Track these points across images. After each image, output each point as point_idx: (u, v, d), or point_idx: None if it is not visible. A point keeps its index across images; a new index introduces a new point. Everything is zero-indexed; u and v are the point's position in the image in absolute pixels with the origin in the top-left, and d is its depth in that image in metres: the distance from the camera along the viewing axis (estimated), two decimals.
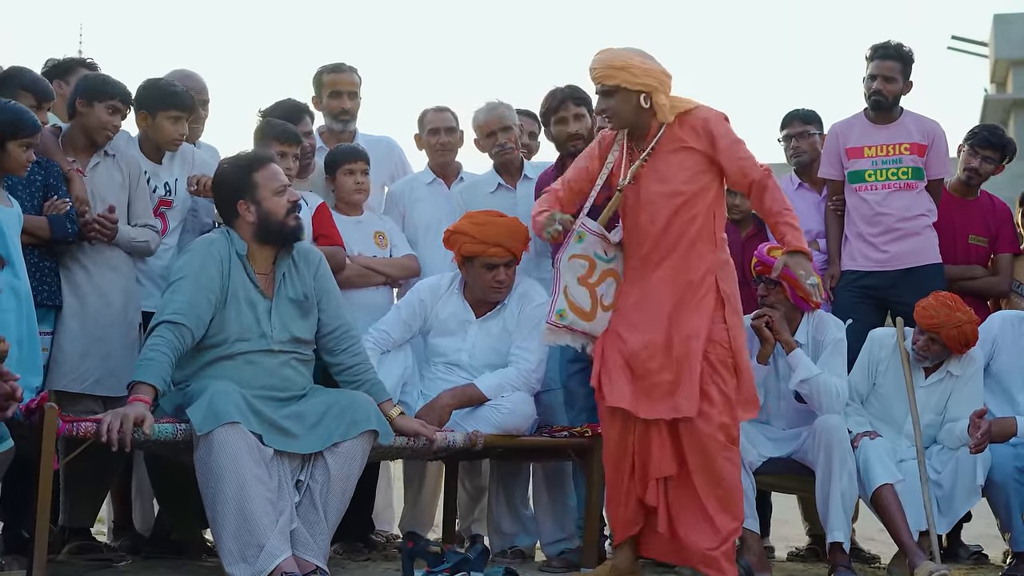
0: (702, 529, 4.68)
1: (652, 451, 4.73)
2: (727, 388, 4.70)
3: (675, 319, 4.74)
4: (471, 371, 5.49)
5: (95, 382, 5.02)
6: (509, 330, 5.50)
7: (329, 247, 5.52)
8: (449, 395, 5.33)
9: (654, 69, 4.78)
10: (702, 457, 4.67)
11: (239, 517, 4.32)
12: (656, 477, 4.73)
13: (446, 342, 5.55)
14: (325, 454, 4.60)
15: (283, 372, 4.77)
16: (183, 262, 4.75)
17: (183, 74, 5.86)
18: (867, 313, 6.01)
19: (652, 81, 4.75)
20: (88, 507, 5.29)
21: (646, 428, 4.75)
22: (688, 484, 4.70)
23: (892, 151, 6.08)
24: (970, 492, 5.31)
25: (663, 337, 4.73)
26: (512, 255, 5.45)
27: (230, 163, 4.95)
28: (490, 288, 5.46)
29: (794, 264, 4.72)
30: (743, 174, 4.78)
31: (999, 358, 5.63)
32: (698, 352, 4.67)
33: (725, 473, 4.67)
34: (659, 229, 4.79)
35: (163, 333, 4.54)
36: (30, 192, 4.89)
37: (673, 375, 4.69)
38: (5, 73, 5.08)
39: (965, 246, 6.32)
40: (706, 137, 4.78)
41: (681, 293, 4.75)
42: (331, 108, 6.40)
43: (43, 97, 5.05)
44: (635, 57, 4.78)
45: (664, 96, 4.77)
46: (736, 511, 4.71)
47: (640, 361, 4.75)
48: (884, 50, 6.06)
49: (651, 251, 4.81)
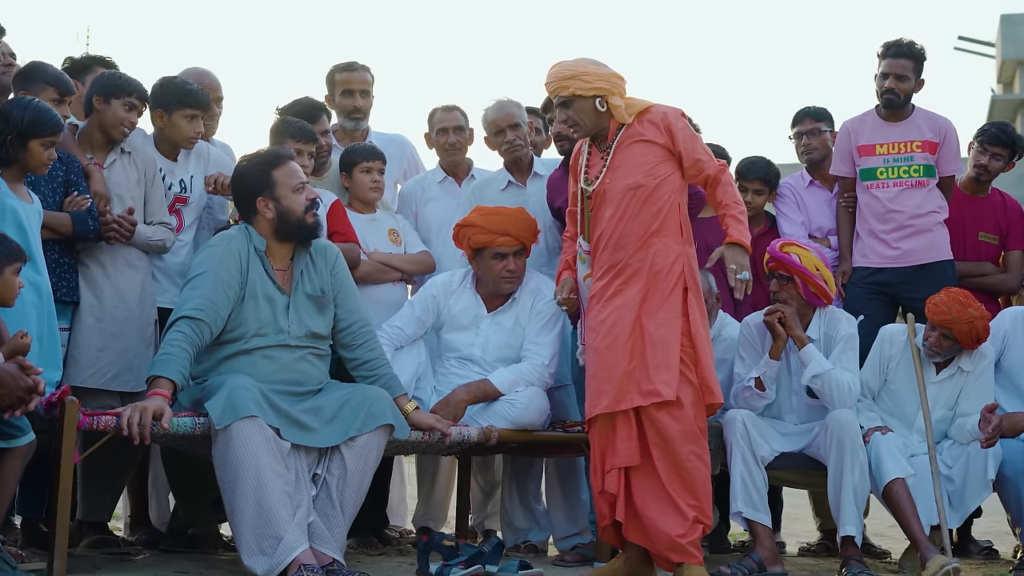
0: (669, 516, 4.71)
1: (616, 440, 4.77)
2: (693, 378, 4.75)
3: (645, 310, 4.79)
4: (484, 366, 5.53)
5: (112, 377, 5.06)
6: (521, 324, 5.55)
7: (344, 244, 5.56)
8: (464, 390, 5.38)
9: (604, 73, 4.93)
10: (666, 447, 4.71)
11: (257, 510, 4.36)
12: (618, 466, 4.76)
13: (459, 337, 5.60)
14: (341, 448, 4.64)
15: (300, 367, 4.81)
16: (202, 258, 4.79)
17: (198, 72, 5.91)
18: (879, 309, 6.04)
19: (604, 84, 4.91)
20: (105, 501, 5.35)
21: (611, 417, 4.79)
22: (653, 473, 4.74)
23: (904, 148, 6.09)
24: (981, 487, 5.32)
25: (630, 329, 4.78)
26: (521, 243, 5.54)
27: (249, 161, 4.99)
28: (501, 278, 5.52)
29: (729, 255, 4.86)
30: (699, 169, 4.93)
31: (1010, 354, 5.65)
32: (674, 339, 4.74)
33: (690, 466, 4.71)
34: (625, 223, 4.86)
35: (182, 328, 4.58)
36: (52, 188, 4.94)
37: (641, 364, 4.74)
38: (28, 68, 5.13)
39: (975, 243, 6.34)
40: (665, 131, 4.89)
41: (650, 284, 4.81)
42: (343, 106, 6.44)
43: (65, 91, 5.09)
44: (585, 65, 4.93)
45: (619, 97, 4.92)
46: (702, 502, 4.73)
47: (603, 357, 4.81)
48: (897, 48, 6.07)
49: (618, 245, 4.88)
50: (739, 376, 5.48)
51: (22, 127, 4.55)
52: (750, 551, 5.32)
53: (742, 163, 6.38)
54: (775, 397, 5.48)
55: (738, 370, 5.50)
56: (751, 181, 6.32)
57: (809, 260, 5.39)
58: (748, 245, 4.88)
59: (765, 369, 5.38)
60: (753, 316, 5.56)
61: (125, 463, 5.35)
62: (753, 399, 5.41)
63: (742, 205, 4.97)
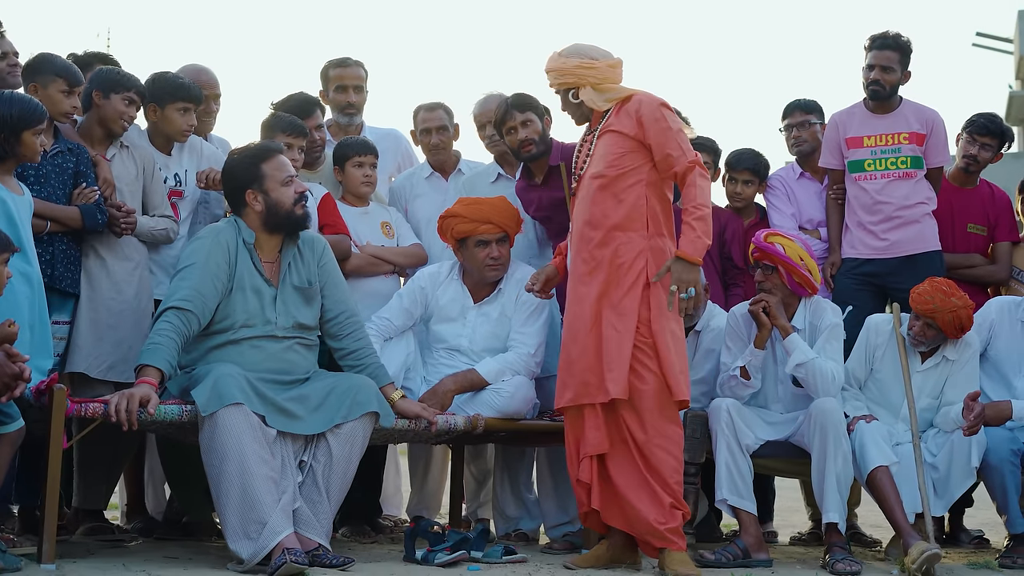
0: (647, 502, 4.79)
1: (585, 430, 4.86)
2: (655, 368, 4.81)
3: (606, 304, 4.86)
4: (472, 356, 5.62)
5: (108, 368, 5.16)
6: (507, 315, 5.64)
7: (334, 236, 5.67)
8: (451, 380, 5.46)
9: (572, 66, 5.00)
10: (632, 439, 4.81)
11: (242, 495, 4.46)
12: (589, 454, 4.85)
13: (446, 328, 5.68)
14: (327, 435, 4.73)
15: (287, 356, 4.90)
16: (191, 250, 4.89)
17: (195, 68, 5.99)
18: (867, 300, 6.08)
19: (570, 78, 5.00)
20: (100, 489, 5.45)
21: (579, 408, 4.89)
22: (629, 460, 4.83)
23: (891, 140, 6.14)
24: (965, 474, 5.36)
25: (590, 323, 4.86)
26: (503, 231, 5.62)
27: (239, 154, 5.09)
28: (485, 266, 5.61)
29: (675, 270, 4.82)
30: (668, 164, 4.92)
31: (996, 343, 5.69)
32: (628, 336, 4.80)
33: (654, 459, 4.79)
34: (588, 211, 4.94)
35: (170, 318, 4.68)
36: (62, 180, 5.04)
37: (597, 359, 4.81)
38: (37, 59, 5.22)
39: (964, 234, 6.37)
40: (636, 122, 4.91)
41: (611, 278, 4.87)
42: (337, 102, 6.54)
43: (75, 82, 5.17)
44: (555, 60, 5.04)
45: (589, 88, 4.98)
46: (674, 491, 4.81)
47: (567, 350, 4.92)
48: (882, 40, 6.12)
49: (582, 234, 4.96)
50: (725, 365, 5.54)
51: (12, 121, 4.64)
52: (735, 538, 5.37)
53: (731, 155, 6.44)
54: (761, 386, 5.53)
55: (724, 360, 5.56)
56: (740, 172, 6.38)
57: (793, 250, 5.44)
58: (696, 259, 4.80)
59: (750, 358, 5.43)
60: (739, 306, 5.62)
61: (120, 453, 5.46)
62: (739, 388, 5.46)
63: (705, 209, 4.83)
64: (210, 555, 4.89)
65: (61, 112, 5.11)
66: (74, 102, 5.16)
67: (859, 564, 5.13)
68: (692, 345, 5.77)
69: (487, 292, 5.69)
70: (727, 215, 6.36)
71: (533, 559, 5.16)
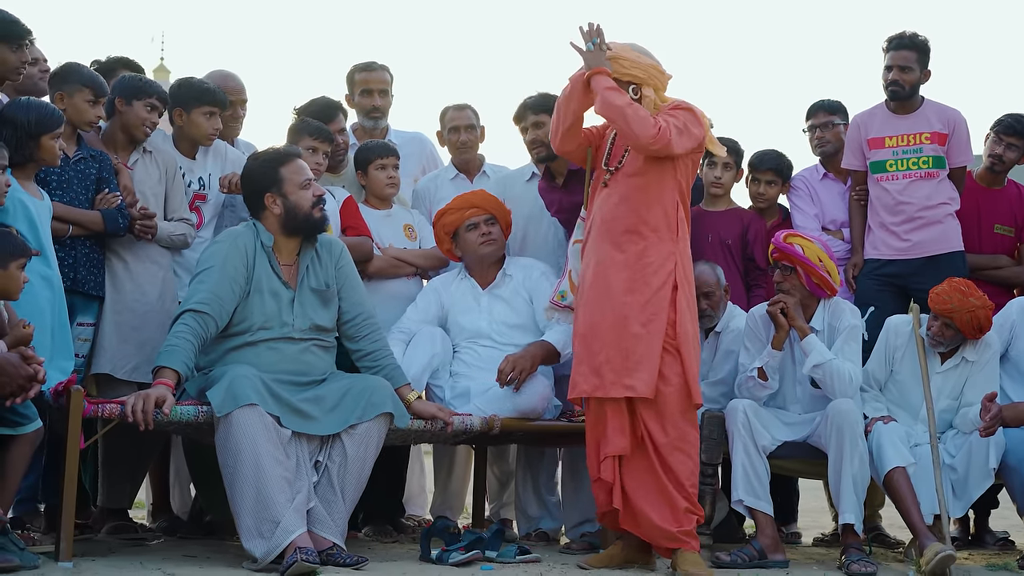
0: (660, 506, 4.83)
1: (607, 429, 4.89)
2: (679, 371, 4.85)
3: (630, 301, 4.88)
4: (493, 335, 5.78)
5: (132, 368, 5.25)
6: (519, 293, 5.80)
7: (356, 238, 5.76)
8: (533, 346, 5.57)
9: (645, 64, 5.02)
10: (651, 440, 4.83)
11: (256, 494, 4.53)
12: (610, 454, 4.88)
13: (465, 318, 5.83)
14: (342, 436, 4.79)
15: (304, 358, 4.97)
16: (209, 253, 4.97)
17: (222, 75, 6.09)
18: (889, 301, 6.05)
19: (640, 74, 5.00)
20: (124, 489, 5.55)
21: (601, 405, 4.91)
22: (645, 463, 4.85)
23: (912, 140, 6.12)
24: (983, 476, 5.34)
25: (612, 318, 4.89)
26: (489, 213, 5.80)
27: (258, 159, 5.18)
28: (479, 244, 5.79)
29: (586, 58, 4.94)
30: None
31: (1017, 343, 5.67)
32: (658, 336, 4.83)
33: (671, 460, 4.83)
34: (619, 207, 4.96)
35: (187, 321, 4.76)
36: (84, 186, 5.15)
37: (621, 355, 4.84)
38: (63, 69, 5.32)
39: (991, 235, 6.34)
40: None
41: (637, 276, 4.90)
42: (363, 106, 6.61)
43: (100, 93, 5.26)
44: (627, 50, 5.02)
45: (652, 90, 5.00)
46: (690, 494, 4.85)
47: (586, 342, 4.94)
48: (899, 40, 6.11)
49: (609, 228, 4.98)
50: (743, 366, 5.55)
51: (31, 127, 4.76)
52: (751, 539, 5.38)
53: (754, 155, 6.43)
54: (779, 387, 5.53)
55: (743, 360, 5.56)
56: (763, 172, 6.38)
57: (812, 251, 5.44)
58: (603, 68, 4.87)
59: (768, 359, 5.44)
60: (758, 307, 5.62)
61: (145, 453, 5.57)
62: (756, 389, 5.46)
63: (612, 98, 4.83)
64: (228, 554, 4.96)
65: (86, 121, 5.21)
66: (99, 112, 5.25)
67: (875, 565, 5.13)
68: (712, 346, 5.80)
69: (493, 277, 5.86)
70: (750, 216, 6.37)
71: (549, 559, 5.20)
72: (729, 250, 6.22)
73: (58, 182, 5.05)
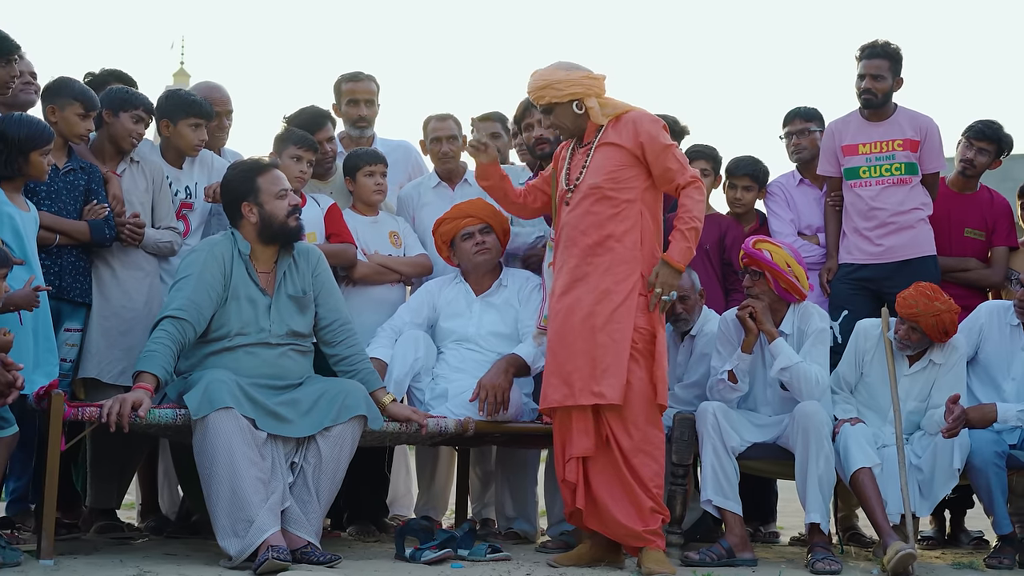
0: (625, 507, 4.97)
1: (573, 432, 5.03)
2: (646, 375, 5.00)
3: (598, 311, 5.02)
4: (479, 342, 5.90)
5: (119, 373, 5.40)
6: (512, 305, 5.93)
7: (340, 244, 5.91)
8: (502, 362, 5.66)
9: (576, 77, 5.18)
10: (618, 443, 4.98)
11: (231, 495, 4.68)
12: (574, 456, 5.02)
13: (454, 323, 5.97)
14: (317, 438, 4.94)
15: (281, 362, 5.12)
16: (187, 262, 5.13)
17: (208, 86, 6.27)
18: (863, 304, 6.15)
19: (578, 88, 5.17)
20: (112, 490, 5.72)
21: (567, 410, 5.06)
22: (610, 464, 5.00)
23: (885, 147, 6.22)
24: (948, 476, 5.43)
25: (580, 328, 5.03)
26: (484, 222, 5.93)
27: (236, 168, 5.33)
28: (474, 253, 5.92)
29: (661, 273, 5.06)
30: (669, 178, 5.14)
31: (986, 347, 5.77)
32: (625, 344, 4.97)
33: (636, 462, 4.98)
34: (583, 220, 5.10)
35: (166, 327, 4.92)
36: (73, 196, 5.31)
37: (590, 363, 4.98)
38: (57, 83, 5.47)
39: (961, 239, 6.44)
40: (633, 137, 5.11)
41: (604, 285, 5.04)
42: (349, 115, 6.76)
43: (90, 107, 5.42)
44: (555, 72, 5.20)
45: (595, 99, 5.16)
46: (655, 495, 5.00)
47: (555, 353, 5.09)
48: (871, 49, 6.21)
49: (575, 241, 5.12)
50: (715, 369, 5.66)
51: (22, 144, 4.92)
52: (720, 538, 5.50)
53: (731, 161, 6.55)
54: (749, 389, 5.65)
55: (714, 363, 5.68)
56: (739, 178, 6.50)
57: (780, 256, 5.55)
58: (681, 265, 5.08)
59: (738, 362, 5.55)
60: (730, 312, 5.72)
61: (132, 455, 5.73)
62: (726, 391, 5.58)
63: (698, 223, 5.10)
64: (208, 552, 5.11)
65: (76, 134, 5.37)
66: (89, 125, 5.41)
67: (839, 563, 5.24)
68: (687, 349, 5.92)
69: (488, 284, 5.98)
70: (727, 221, 6.49)
71: (521, 557, 5.33)
72: (707, 255, 6.33)
73: (47, 192, 5.22)
